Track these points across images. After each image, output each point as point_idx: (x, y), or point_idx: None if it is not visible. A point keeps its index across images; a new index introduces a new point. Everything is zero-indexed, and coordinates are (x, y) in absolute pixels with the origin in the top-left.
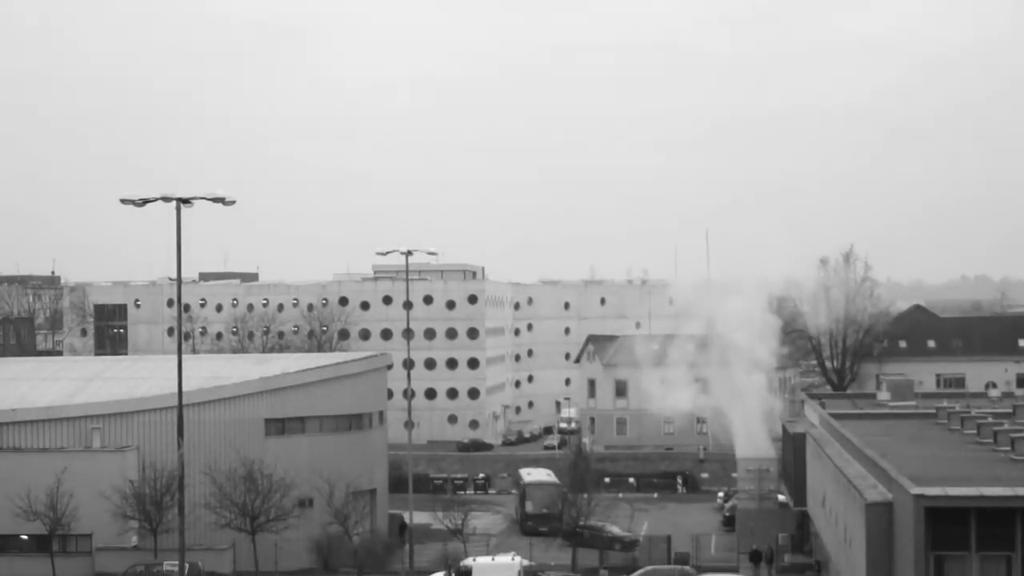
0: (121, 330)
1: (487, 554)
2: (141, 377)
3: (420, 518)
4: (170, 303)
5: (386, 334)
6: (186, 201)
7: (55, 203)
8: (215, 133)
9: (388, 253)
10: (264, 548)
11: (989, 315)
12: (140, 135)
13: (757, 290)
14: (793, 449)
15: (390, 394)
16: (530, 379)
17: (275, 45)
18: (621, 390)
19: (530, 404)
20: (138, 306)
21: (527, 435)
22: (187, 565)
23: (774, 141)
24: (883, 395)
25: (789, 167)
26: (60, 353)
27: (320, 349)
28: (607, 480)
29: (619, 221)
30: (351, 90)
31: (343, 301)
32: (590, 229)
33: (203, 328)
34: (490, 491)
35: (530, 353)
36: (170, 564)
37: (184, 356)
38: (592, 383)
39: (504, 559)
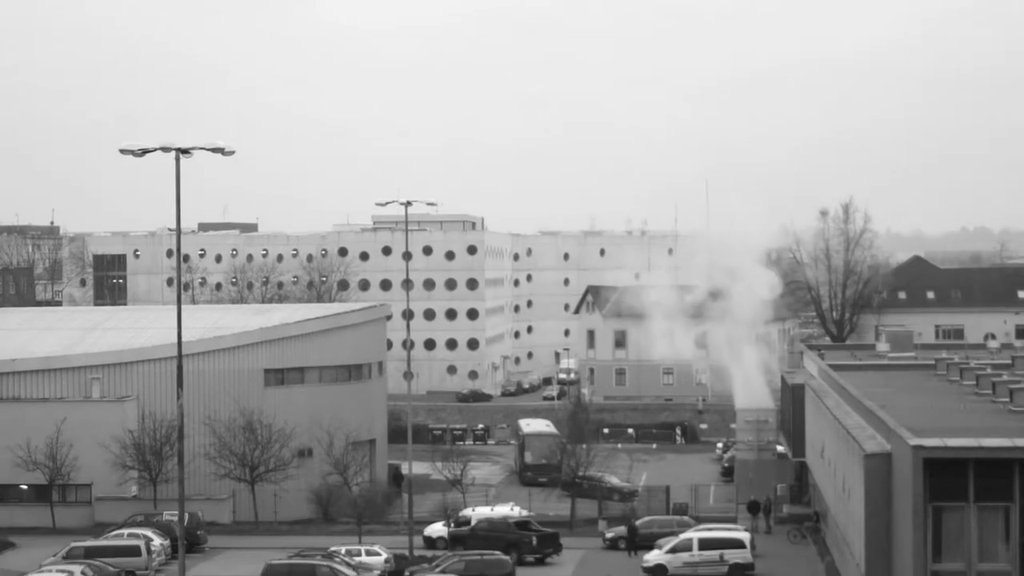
0: (120, 280)
1: (486, 504)
2: (140, 327)
3: (419, 468)
4: (169, 253)
5: (385, 285)
6: (185, 151)
7: (54, 153)
8: (215, 82)
9: (387, 204)
10: (263, 498)
11: (988, 266)
12: (140, 85)
13: (757, 241)
14: (792, 400)
15: (389, 345)
16: (529, 330)
17: None
18: (620, 341)
19: (529, 355)
20: (137, 256)
21: (526, 386)
22: (187, 515)
23: (776, 94)
24: (882, 346)
25: (791, 119)
26: (59, 303)
27: (319, 300)
28: (606, 431)
29: (619, 172)
30: (351, 40)
31: (342, 252)
32: (590, 180)
33: (202, 278)
34: (489, 442)
35: (529, 304)
36: (170, 514)
37: (183, 306)
38: (591, 334)
39: (503, 509)
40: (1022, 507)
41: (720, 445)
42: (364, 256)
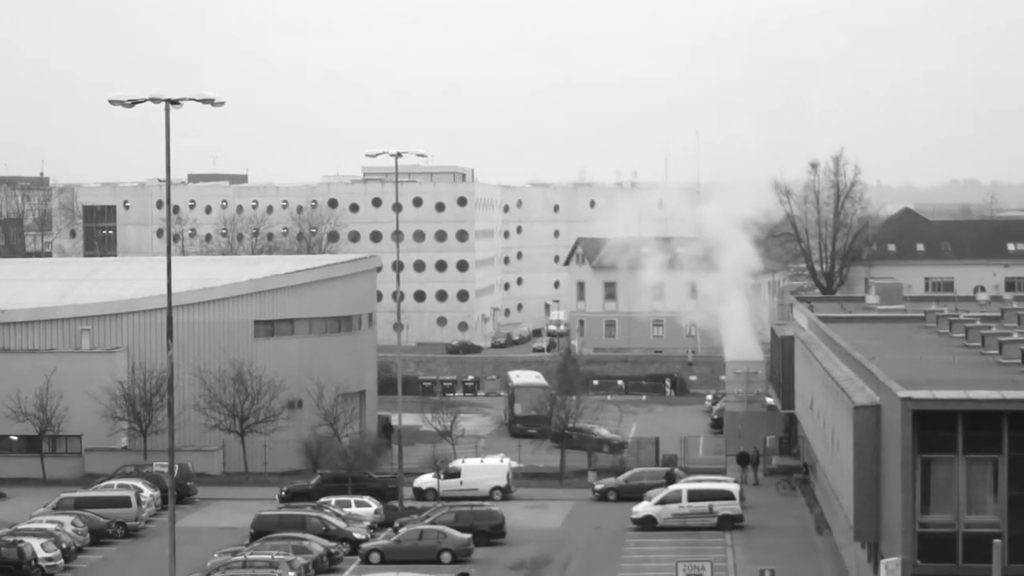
0: (110, 231)
1: (476, 456)
2: (130, 279)
3: (409, 420)
4: (159, 204)
5: (375, 236)
6: (175, 102)
7: (44, 103)
8: (205, 33)
9: (377, 155)
10: (253, 449)
11: (978, 219)
12: (129, 35)
13: (747, 193)
14: (781, 352)
15: (379, 296)
16: (519, 281)
17: None
18: (610, 293)
19: (519, 306)
20: (127, 207)
21: (516, 337)
22: (176, 466)
23: (766, 43)
24: (872, 298)
25: (780, 69)
26: (49, 254)
27: (309, 251)
28: (595, 382)
29: (609, 124)
30: None
31: (332, 203)
32: (580, 132)
33: (192, 230)
34: (479, 393)
35: (519, 255)
36: (160, 465)
37: (173, 258)
38: (581, 285)
39: (493, 460)
40: (1010, 459)
41: (710, 397)
42: (354, 207)
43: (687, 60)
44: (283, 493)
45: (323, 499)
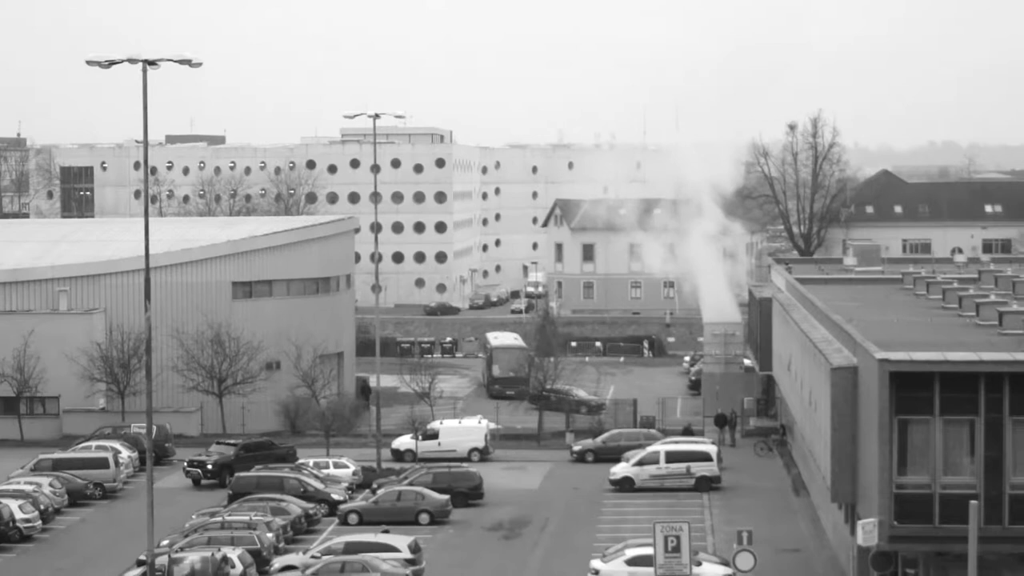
0: (88, 193)
1: (454, 417)
2: (108, 240)
3: (387, 381)
4: (137, 166)
5: (353, 198)
6: (152, 63)
7: (21, 64)
8: None
9: (355, 116)
10: (231, 411)
11: (956, 181)
12: None
13: (725, 155)
14: (759, 313)
15: (357, 258)
16: (497, 243)
17: None
18: (588, 254)
19: (497, 268)
20: (105, 169)
21: (494, 299)
22: (155, 427)
23: (746, 6)
24: (849, 260)
25: (761, 32)
26: (26, 216)
27: (287, 212)
28: (573, 344)
29: (588, 85)
30: None
31: (310, 164)
32: (558, 93)
33: (170, 191)
34: (457, 355)
35: (497, 217)
36: (137, 426)
37: (151, 219)
38: (559, 247)
39: (471, 422)
40: (987, 421)
41: (687, 358)
42: (332, 169)
43: (669, 21)
44: (209, 467)
45: (301, 460)
